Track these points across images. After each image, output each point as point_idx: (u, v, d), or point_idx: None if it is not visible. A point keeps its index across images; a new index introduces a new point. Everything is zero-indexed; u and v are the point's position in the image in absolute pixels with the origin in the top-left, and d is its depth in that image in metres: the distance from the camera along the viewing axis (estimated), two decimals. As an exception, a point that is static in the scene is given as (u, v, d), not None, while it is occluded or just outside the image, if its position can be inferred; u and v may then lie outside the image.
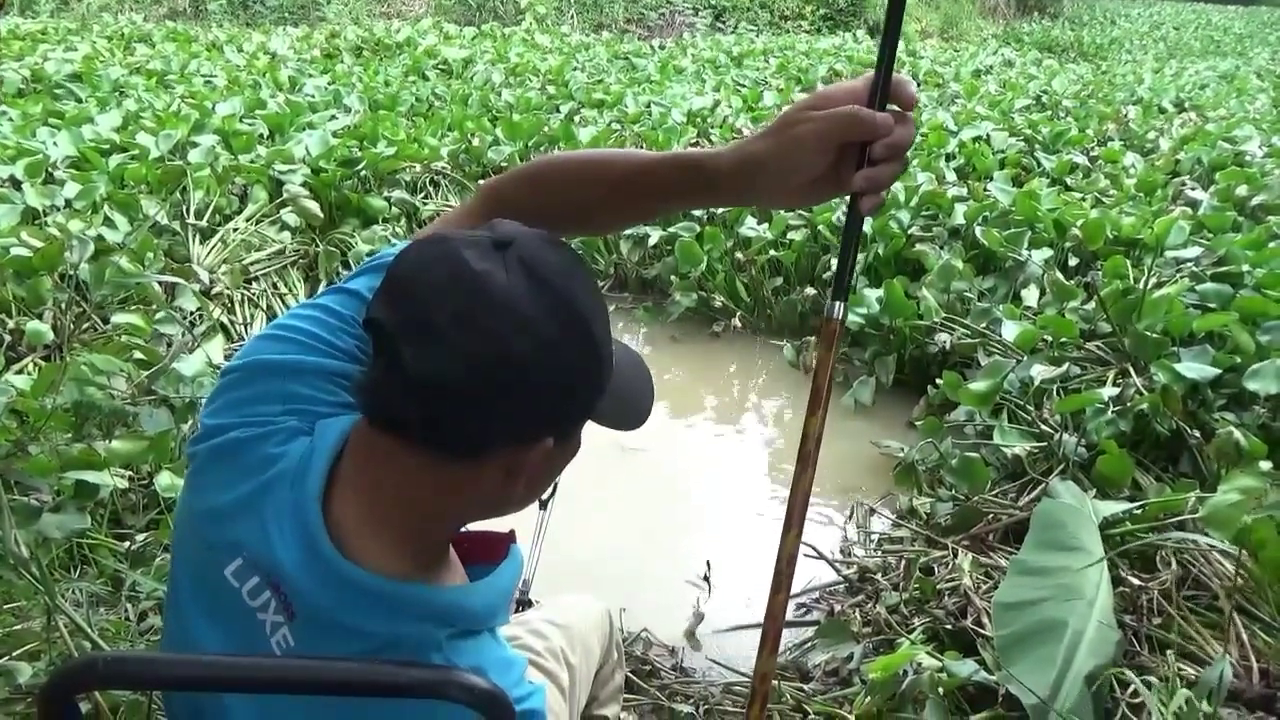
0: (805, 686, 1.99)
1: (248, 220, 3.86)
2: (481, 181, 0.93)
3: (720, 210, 4.18)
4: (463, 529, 0.85)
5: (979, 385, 2.73)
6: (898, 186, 4.04)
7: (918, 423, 2.94)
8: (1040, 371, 2.75)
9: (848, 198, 0.75)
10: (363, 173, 4.33)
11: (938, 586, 2.18)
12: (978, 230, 3.67)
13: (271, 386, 0.80)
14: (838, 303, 0.77)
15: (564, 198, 0.87)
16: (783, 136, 0.72)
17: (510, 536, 0.87)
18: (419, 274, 0.68)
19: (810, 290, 3.84)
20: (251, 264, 3.71)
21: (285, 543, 0.73)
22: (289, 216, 3.89)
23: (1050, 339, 2.95)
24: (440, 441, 0.70)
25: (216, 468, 0.79)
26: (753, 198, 0.78)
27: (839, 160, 0.73)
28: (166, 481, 2.12)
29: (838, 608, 2.26)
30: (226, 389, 0.82)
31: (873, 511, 2.70)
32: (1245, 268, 3.14)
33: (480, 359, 0.66)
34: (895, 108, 0.73)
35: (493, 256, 0.68)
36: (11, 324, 2.85)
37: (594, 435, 0.80)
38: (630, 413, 0.84)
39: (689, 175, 0.78)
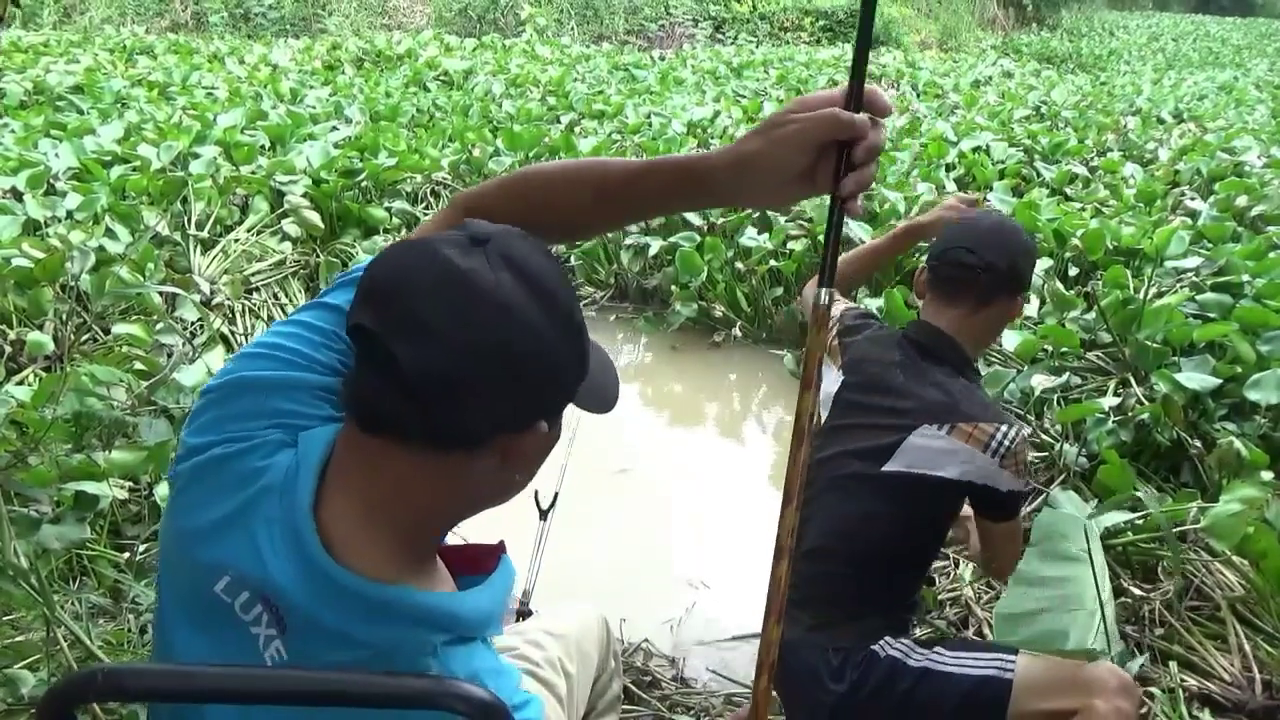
0: (806, 698, 1.98)
1: (249, 231, 3.87)
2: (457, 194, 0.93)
3: (721, 220, 4.19)
4: (451, 544, 0.85)
5: (980, 395, 2.72)
6: (898, 196, 4.08)
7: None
8: (1041, 381, 2.75)
9: (827, 198, 0.79)
10: (364, 183, 4.35)
11: (939, 596, 2.18)
12: (977, 240, 3.67)
13: (255, 403, 0.80)
14: (822, 289, 0.82)
15: (551, 207, 0.88)
16: (771, 136, 0.76)
17: (500, 548, 0.87)
18: (403, 276, 0.70)
19: (810, 300, 3.84)
20: (252, 274, 3.72)
21: (277, 555, 0.73)
22: (290, 227, 3.90)
23: (1051, 349, 2.94)
24: (438, 435, 0.72)
25: (200, 486, 0.78)
26: (742, 197, 0.82)
27: (817, 160, 0.77)
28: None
29: (839, 618, 2.25)
30: (208, 408, 0.81)
31: (874, 521, 2.69)
32: (1245, 278, 3.13)
33: (479, 349, 0.69)
34: (867, 115, 0.77)
35: (475, 253, 0.71)
36: (12, 334, 2.85)
37: (596, 443, 0.80)
38: (602, 397, 0.87)
39: (683, 177, 0.82)
